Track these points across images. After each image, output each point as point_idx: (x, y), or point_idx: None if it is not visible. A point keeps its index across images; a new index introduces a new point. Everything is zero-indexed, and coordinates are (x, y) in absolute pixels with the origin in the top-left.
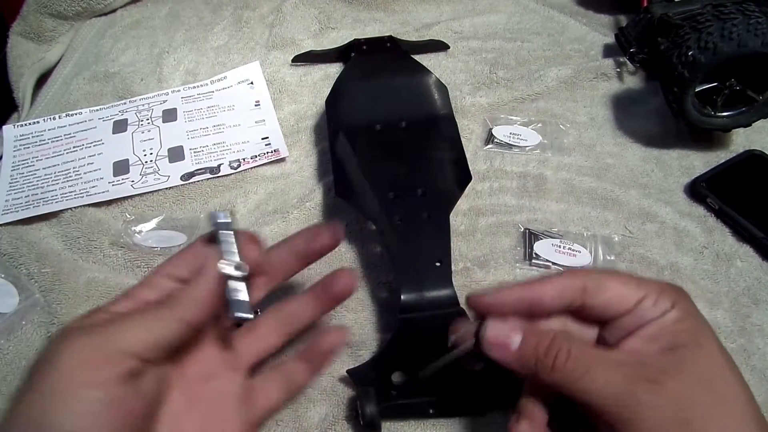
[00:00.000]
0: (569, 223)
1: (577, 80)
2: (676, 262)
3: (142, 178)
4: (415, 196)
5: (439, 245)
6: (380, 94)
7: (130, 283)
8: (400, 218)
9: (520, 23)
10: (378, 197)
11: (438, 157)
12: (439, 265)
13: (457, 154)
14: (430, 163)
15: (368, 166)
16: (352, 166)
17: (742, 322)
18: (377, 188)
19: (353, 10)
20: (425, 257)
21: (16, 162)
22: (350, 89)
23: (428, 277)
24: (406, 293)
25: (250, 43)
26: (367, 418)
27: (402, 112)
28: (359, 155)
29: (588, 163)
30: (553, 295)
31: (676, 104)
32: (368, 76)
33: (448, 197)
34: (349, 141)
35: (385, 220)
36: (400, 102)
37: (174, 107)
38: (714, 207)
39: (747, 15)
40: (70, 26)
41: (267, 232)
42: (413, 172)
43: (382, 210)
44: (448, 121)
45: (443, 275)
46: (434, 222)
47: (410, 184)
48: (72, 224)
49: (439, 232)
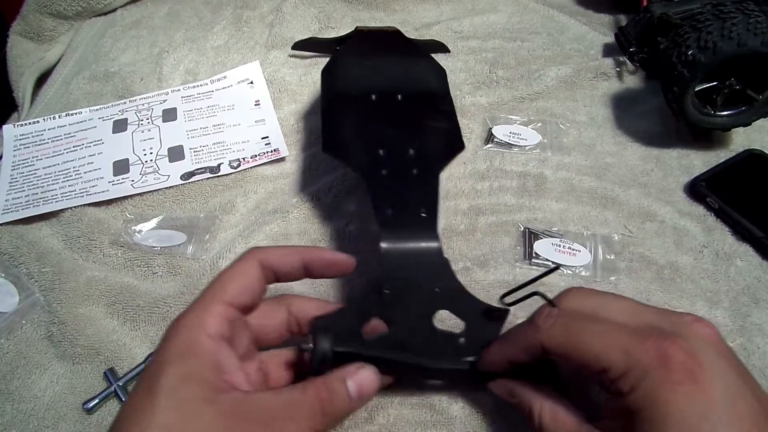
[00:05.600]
0: (569, 223)
1: (576, 80)
2: (676, 262)
3: (142, 178)
4: (405, 155)
5: (425, 197)
6: (379, 69)
7: (130, 282)
8: (387, 172)
9: (520, 23)
10: (367, 151)
11: (431, 125)
12: (424, 216)
13: (452, 125)
14: (423, 129)
15: (361, 125)
16: (344, 123)
17: (741, 321)
18: (368, 143)
19: (353, 9)
20: (410, 206)
21: (16, 161)
22: (349, 61)
23: (412, 226)
24: (387, 241)
25: (250, 42)
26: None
27: (399, 86)
28: (352, 115)
29: (588, 162)
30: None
31: (676, 103)
32: (368, 52)
33: (438, 158)
34: (342, 104)
35: (372, 171)
36: (398, 77)
37: (174, 107)
38: (714, 206)
39: (747, 14)
40: (70, 26)
41: (267, 232)
42: (405, 135)
43: (370, 162)
44: (443, 97)
45: (428, 226)
46: (422, 177)
47: (401, 145)
48: (72, 223)
49: (427, 185)
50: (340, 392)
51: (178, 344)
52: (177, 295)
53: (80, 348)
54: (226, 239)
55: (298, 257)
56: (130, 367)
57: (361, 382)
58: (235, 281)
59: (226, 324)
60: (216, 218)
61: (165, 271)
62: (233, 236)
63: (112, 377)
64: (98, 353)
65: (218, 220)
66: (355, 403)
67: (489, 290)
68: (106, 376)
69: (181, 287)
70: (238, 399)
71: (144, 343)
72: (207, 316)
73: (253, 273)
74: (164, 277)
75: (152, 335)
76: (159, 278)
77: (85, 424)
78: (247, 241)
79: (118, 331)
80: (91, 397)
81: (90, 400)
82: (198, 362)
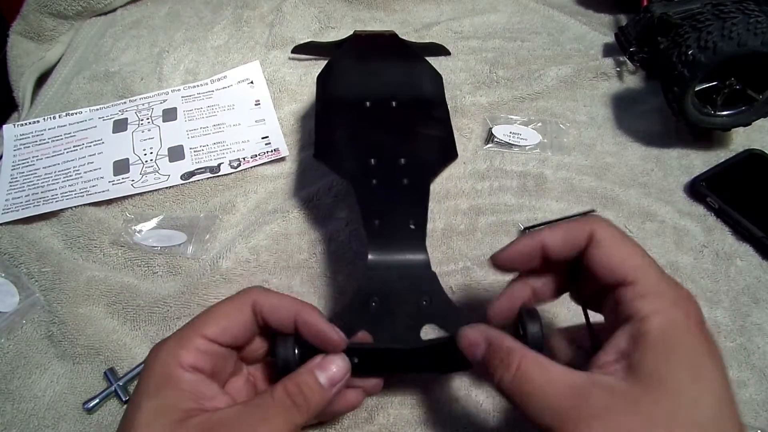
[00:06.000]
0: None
1: (577, 79)
2: (676, 261)
3: (142, 178)
4: (396, 164)
5: (415, 209)
6: (374, 75)
7: (130, 282)
8: (377, 181)
9: (520, 23)
10: (358, 160)
11: (424, 133)
12: (413, 228)
13: (445, 133)
14: (416, 137)
15: (353, 133)
16: (337, 130)
17: (741, 320)
18: (359, 152)
19: (353, 9)
20: (398, 218)
21: (17, 161)
22: (344, 66)
23: (399, 238)
24: (374, 252)
25: (250, 42)
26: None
27: (393, 92)
28: (345, 123)
29: (588, 162)
30: (558, 243)
31: (676, 103)
32: (364, 57)
33: (430, 167)
34: (336, 111)
35: (362, 181)
36: (393, 83)
37: (174, 106)
38: (714, 206)
39: (747, 14)
40: (70, 25)
41: (267, 232)
42: (398, 144)
43: (360, 172)
44: (439, 104)
45: (416, 239)
46: (413, 188)
47: (393, 154)
48: (72, 223)
49: (417, 197)
50: (309, 382)
51: (154, 377)
52: (177, 295)
53: (80, 348)
54: (226, 239)
55: (291, 316)
56: (130, 366)
57: (329, 369)
58: (219, 320)
59: (202, 357)
60: (216, 218)
61: (165, 271)
62: (233, 236)
63: (113, 377)
64: (98, 353)
65: (218, 219)
66: (328, 391)
67: (489, 290)
68: (107, 375)
69: (181, 287)
70: (208, 416)
71: (144, 342)
72: (182, 350)
73: (240, 317)
74: (164, 276)
75: (152, 335)
76: (159, 278)
77: (86, 423)
78: (248, 240)
79: (118, 331)
80: (92, 397)
81: (90, 400)
82: (173, 394)
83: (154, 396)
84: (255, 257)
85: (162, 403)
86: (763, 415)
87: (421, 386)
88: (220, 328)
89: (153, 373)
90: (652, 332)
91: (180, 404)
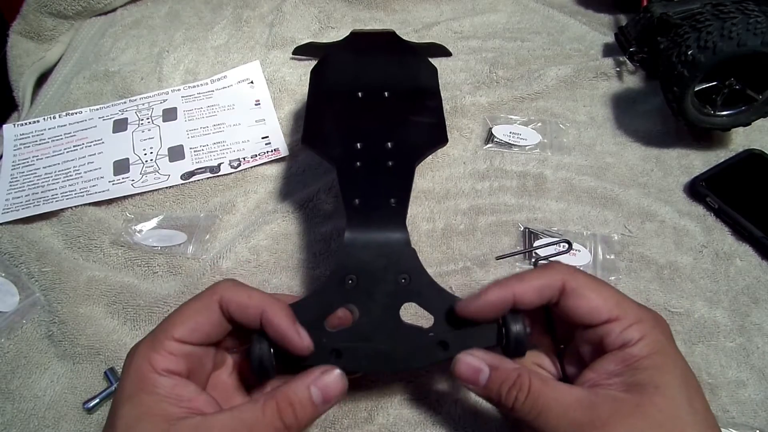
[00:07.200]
0: (569, 222)
1: (576, 79)
2: (676, 261)
3: (143, 177)
4: (383, 148)
5: (396, 187)
6: (367, 67)
7: (130, 281)
8: (361, 164)
9: (520, 23)
10: (343, 144)
11: (414, 119)
12: (394, 206)
13: (436, 119)
14: (405, 123)
15: (342, 120)
16: (326, 118)
17: (741, 320)
18: (345, 136)
19: (353, 9)
20: (379, 196)
21: (17, 161)
22: (338, 60)
23: (379, 215)
24: (352, 230)
25: (250, 42)
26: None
27: (386, 83)
28: (335, 111)
29: (588, 162)
30: (531, 295)
31: (676, 103)
32: (359, 51)
33: (416, 150)
34: (327, 100)
35: (346, 163)
36: (387, 75)
37: (174, 106)
38: (713, 206)
39: (746, 14)
40: (70, 25)
41: (267, 231)
42: (385, 128)
43: (345, 154)
44: (432, 93)
45: (396, 215)
46: (397, 168)
47: (380, 138)
48: (72, 223)
49: (400, 176)
50: (302, 399)
51: (130, 383)
52: (177, 295)
53: (80, 347)
54: (226, 239)
55: (257, 314)
56: None
57: (325, 387)
58: (187, 320)
59: (175, 360)
60: (216, 218)
61: (165, 271)
62: (233, 236)
63: (113, 377)
64: (98, 353)
65: (218, 219)
66: (321, 408)
67: None
68: (107, 375)
69: (181, 287)
70: (195, 424)
71: None
72: (155, 353)
73: (209, 315)
74: (164, 276)
75: None
76: (159, 278)
77: (86, 423)
78: (248, 240)
79: (118, 331)
80: (92, 397)
81: (90, 400)
82: (151, 399)
83: (130, 403)
84: (255, 257)
85: (141, 409)
86: (762, 415)
87: (421, 386)
88: (188, 329)
89: (129, 378)
90: (644, 353)
91: (159, 408)
